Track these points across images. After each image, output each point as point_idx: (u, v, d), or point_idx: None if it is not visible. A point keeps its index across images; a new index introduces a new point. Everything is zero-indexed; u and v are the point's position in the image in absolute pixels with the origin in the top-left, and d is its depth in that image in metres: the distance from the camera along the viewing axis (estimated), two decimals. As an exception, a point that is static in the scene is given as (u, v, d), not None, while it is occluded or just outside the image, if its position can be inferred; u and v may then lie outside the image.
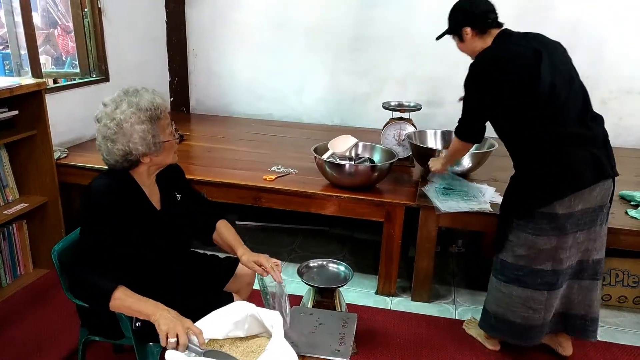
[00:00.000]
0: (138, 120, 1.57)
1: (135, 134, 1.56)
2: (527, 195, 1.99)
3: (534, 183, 1.97)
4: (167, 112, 1.68)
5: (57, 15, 4.52)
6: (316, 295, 2.18)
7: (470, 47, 2.14)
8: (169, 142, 1.66)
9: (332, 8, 3.81)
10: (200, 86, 4.27)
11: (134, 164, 1.64)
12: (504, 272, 2.10)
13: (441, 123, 3.75)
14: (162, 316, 1.44)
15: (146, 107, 1.58)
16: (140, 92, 1.63)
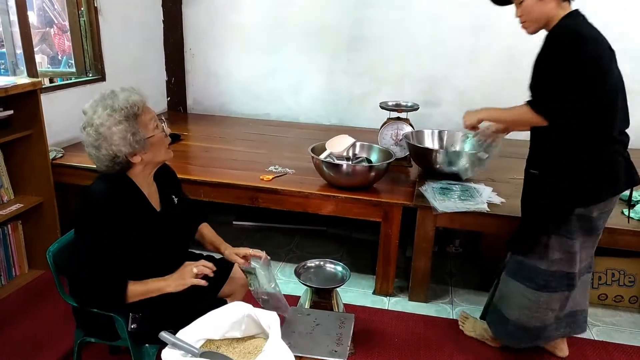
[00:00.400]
0: (115, 122, 1.54)
1: (115, 136, 1.54)
2: (567, 197, 1.89)
3: (577, 184, 1.87)
4: (146, 107, 1.64)
5: (53, 14, 4.50)
6: (313, 296, 2.17)
7: (545, 10, 1.83)
8: (155, 137, 1.63)
9: (329, 8, 3.81)
10: (197, 86, 4.26)
11: (125, 166, 1.63)
12: (535, 278, 2.01)
13: (438, 123, 3.75)
14: (169, 286, 1.61)
15: (121, 107, 1.56)
16: (117, 92, 1.61)
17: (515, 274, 2.07)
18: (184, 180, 2.66)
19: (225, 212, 3.61)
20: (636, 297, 2.68)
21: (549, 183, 1.92)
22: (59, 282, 1.71)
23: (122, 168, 1.63)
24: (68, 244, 1.76)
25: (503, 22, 3.56)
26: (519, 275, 2.06)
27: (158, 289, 1.62)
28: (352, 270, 2.29)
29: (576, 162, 1.87)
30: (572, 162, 1.87)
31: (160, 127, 1.68)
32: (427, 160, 2.82)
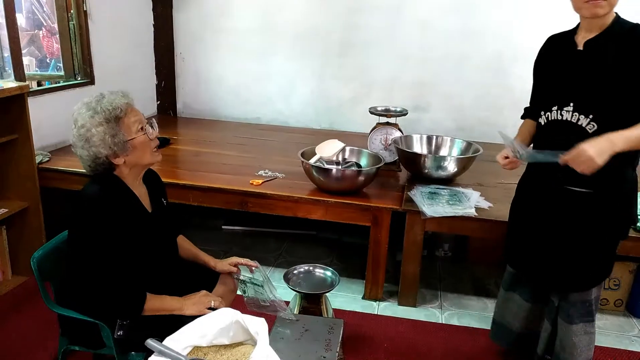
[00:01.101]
0: (95, 123, 1.57)
1: (94, 137, 1.57)
2: (632, 211, 1.78)
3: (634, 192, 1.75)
4: (132, 110, 1.65)
5: (42, 17, 4.47)
6: (302, 301, 2.17)
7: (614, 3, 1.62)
8: (136, 140, 1.63)
9: (319, 14, 3.82)
10: (187, 90, 4.25)
11: (108, 167, 1.64)
12: (593, 308, 1.86)
13: (427, 128, 3.77)
14: (187, 310, 1.66)
15: (103, 109, 1.58)
16: (105, 95, 1.63)
17: (576, 316, 1.86)
18: (174, 185, 2.67)
19: (214, 217, 3.60)
20: (621, 301, 2.71)
21: (612, 200, 1.73)
22: (43, 289, 1.69)
23: (105, 169, 1.64)
24: (53, 250, 1.74)
25: (491, 28, 3.62)
26: (578, 315, 1.86)
27: (173, 309, 1.65)
28: (342, 275, 2.29)
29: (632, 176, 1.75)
30: (630, 177, 1.74)
31: (148, 130, 1.68)
32: (415, 165, 2.83)
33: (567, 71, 1.73)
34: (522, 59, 3.50)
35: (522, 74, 3.52)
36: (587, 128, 1.67)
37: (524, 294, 2.03)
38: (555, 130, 1.76)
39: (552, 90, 1.78)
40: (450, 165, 2.76)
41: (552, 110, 1.76)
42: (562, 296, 1.88)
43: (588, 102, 1.67)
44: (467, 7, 3.62)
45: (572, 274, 1.81)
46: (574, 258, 1.79)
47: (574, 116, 1.69)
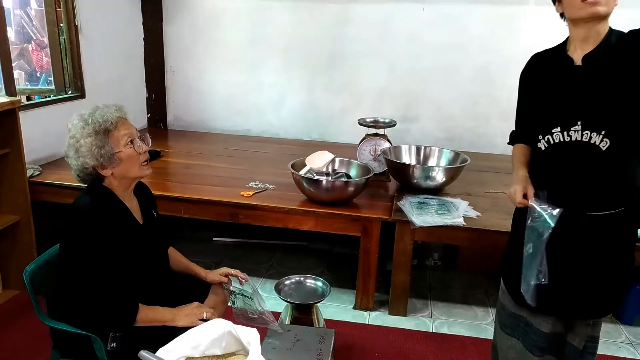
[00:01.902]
0: (84, 134, 1.61)
1: (83, 148, 1.61)
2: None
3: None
4: (124, 123, 1.69)
5: (31, 30, 4.48)
6: (294, 312, 2.19)
7: (612, 5, 1.53)
8: (123, 153, 1.65)
9: (309, 26, 3.87)
10: (177, 102, 4.27)
11: (96, 178, 1.67)
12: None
13: (416, 138, 3.83)
14: (180, 320, 1.67)
15: (94, 121, 1.63)
16: (99, 108, 1.68)
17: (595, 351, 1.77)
18: (164, 197, 2.68)
19: (205, 228, 3.61)
20: (610, 308, 2.74)
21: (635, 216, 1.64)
22: (35, 302, 1.69)
23: (93, 180, 1.68)
24: (45, 264, 1.74)
25: (478, 39, 3.69)
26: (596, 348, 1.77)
27: (166, 320, 1.67)
28: (332, 285, 2.31)
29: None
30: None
31: (137, 144, 1.69)
32: (404, 175, 2.87)
33: (568, 89, 1.62)
34: (509, 69, 3.55)
35: (509, 84, 3.59)
36: (601, 145, 1.56)
37: (531, 342, 1.76)
38: (560, 154, 1.62)
39: (551, 112, 1.65)
40: (439, 175, 2.80)
41: (554, 133, 1.62)
42: (589, 336, 1.73)
43: (598, 118, 1.56)
44: (453, 19, 3.69)
45: (606, 295, 1.68)
46: (605, 280, 1.66)
47: (585, 135, 1.57)
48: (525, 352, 1.77)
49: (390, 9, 3.73)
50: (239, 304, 1.91)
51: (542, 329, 1.72)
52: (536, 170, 1.72)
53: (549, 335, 1.72)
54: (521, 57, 2.03)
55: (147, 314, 1.64)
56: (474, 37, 3.70)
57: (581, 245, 1.63)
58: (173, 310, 1.69)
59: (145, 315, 1.63)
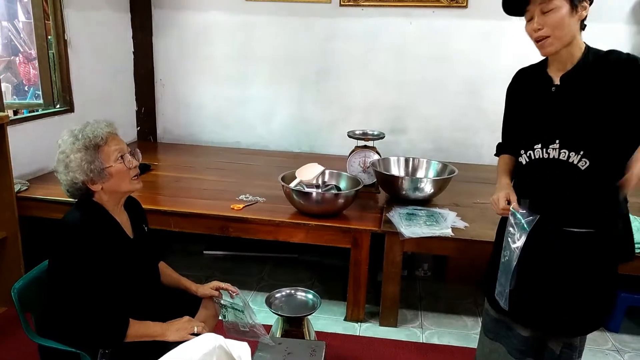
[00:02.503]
0: (74, 149, 1.63)
1: (72, 163, 1.62)
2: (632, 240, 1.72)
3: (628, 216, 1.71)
4: (114, 139, 1.70)
5: (18, 43, 4.48)
6: (285, 325, 2.19)
7: (572, 28, 1.55)
8: (113, 168, 1.66)
9: (297, 40, 3.91)
10: (167, 115, 4.28)
11: (86, 193, 1.68)
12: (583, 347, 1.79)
13: (405, 149, 3.87)
14: (170, 335, 1.66)
15: (84, 136, 1.64)
16: (90, 123, 1.69)
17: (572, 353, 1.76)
18: (154, 211, 2.68)
19: (195, 242, 3.60)
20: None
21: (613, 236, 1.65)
22: (24, 319, 1.68)
23: (83, 195, 1.68)
24: (34, 280, 1.74)
25: (463, 54, 3.75)
26: (578, 356, 1.78)
27: (156, 335, 1.66)
28: (323, 297, 2.32)
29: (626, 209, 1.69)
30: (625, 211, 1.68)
31: (127, 159, 1.71)
32: (393, 187, 2.90)
33: (547, 108, 1.65)
34: (495, 82, 3.63)
35: (495, 96, 3.64)
36: (579, 165, 1.58)
37: (511, 345, 1.80)
38: (540, 170, 1.66)
39: (532, 129, 1.68)
40: (427, 187, 2.83)
41: (535, 149, 1.65)
42: (566, 342, 1.74)
43: (576, 138, 1.58)
44: (440, 34, 3.75)
45: (581, 315, 1.67)
46: (581, 299, 1.66)
47: (563, 154, 1.60)
48: (507, 355, 1.81)
49: (378, 23, 3.78)
50: (230, 317, 1.92)
51: (522, 333, 1.76)
52: (518, 182, 1.76)
53: (528, 339, 1.76)
54: (506, 70, 2.08)
55: (138, 329, 1.64)
56: (460, 50, 3.76)
57: (557, 260, 1.65)
58: (164, 325, 1.69)
59: (135, 330, 1.63)
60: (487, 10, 3.61)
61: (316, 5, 3.81)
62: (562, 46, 1.57)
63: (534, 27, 1.56)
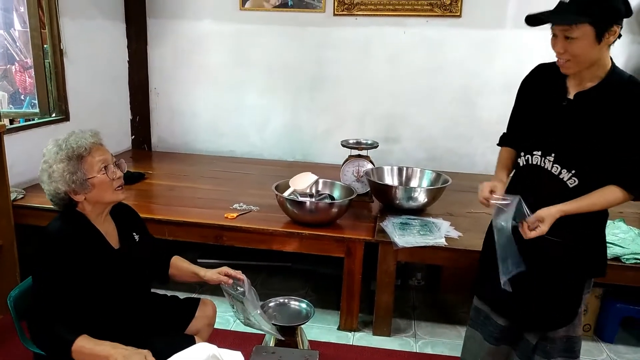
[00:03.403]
0: (57, 160, 1.62)
1: (55, 173, 1.62)
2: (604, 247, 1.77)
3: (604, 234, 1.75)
4: (99, 149, 1.69)
5: (14, 52, 4.48)
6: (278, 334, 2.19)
7: (595, 55, 1.52)
8: (96, 179, 1.65)
9: (291, 49, 3.94)
10: (162, 124, 4.29)
11: (69, 203, 1.67)
12: (574, 348, 1.82)
13: (399, 158, 3.89)
14: (119, 353, 1.51)
15: (67, 147, 1.63)
16: (75, 133, 1.68)
17: (555, 352, 1.82)
18: (148, 220, 2.67)
19: (189, 250, 3.60)
20: (589, 325, 2.80)
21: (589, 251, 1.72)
22: (19, 328, 1.69)
23: (66, 205, 1.68)
24: (29, 289, 1.74)
25: (456, 63, 3.79)
26: (557, 351, 1.82)
27: (101, 355, 1.53)
28: (317, 306, 2.33)
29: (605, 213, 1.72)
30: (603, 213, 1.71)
31: (110, 170, 1.69)
32: (387, 196, 2.91)
33: (554, 118, 1.65)
34: (488, 91, 3.68)
35: (488, 105, 3.70)
36: (569, 182, 1.63)
37: (488, 333, 1.92)
38: (534, 177, 1.70)
39: (536, 134, 1.69)
40: (421, 196, 2.84)
41: (534, 155, 1.69)
42: (541, 335, 1.82)
43: (571, 157, 1.61)
44: (433, 43, 3.78)
45: (547, 313, 1.76)
46: (549, 299, 1.74)
47: (555, 168, 1.64)
48: (483, 341, 1.93)
49: (372, 32, 3.82)
50: (238, 307, 1.91)
51: (499, 322, 1.88)
52: (513, 180, 1.81)
53: (505, 328, 1.87)
54: (499, 78, 2.10)
55: (85, 346, 1.53)
56: (453, 59, 3.79)
57: (533, 262, 1.70)
58: (117, 346, 1.55)
59: (81, 346, 1.53)
60: (480, 20, 3.65)
61: (310, 14, 3.85)
62: (582, 68, 1.56)
63: (557, 48, 1.55)
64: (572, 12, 1.46)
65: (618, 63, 1.61)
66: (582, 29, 1.46)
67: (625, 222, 2.71)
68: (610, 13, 1.46)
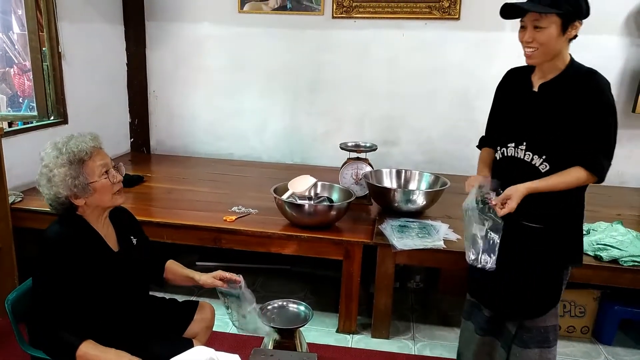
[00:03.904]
0: (58, 164, 1.61)
1: (56, 178, 1.61)
2: (580, 241, 1.89)
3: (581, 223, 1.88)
4: (99, 153, 1.68)
5: (13, 54, 4.49)
6: (277, 336, 2.19)
7: (558, 46, 1.70)
8: (97, 183, 1.65)
9: (290, 52, 3.95)
10: (160, 127, 4.29)
11: (70, 207, 1.67)
12: (549, 338, 1.93)
13: (397, 161, 3.89)
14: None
15: (68, 151, 1.62)
16: (74, 137, 1.67)
17: (531, 342, 1.93)
18: (147, 223, 2.68)
19: (188, 253, 3.60)
20: (587, 328, 2.80)
21: (561, 234, 1.83)
22: (17, 331, 1.69)
23: (66, 209, 1.67)
24: (27, 292, 1.74)
25: (455, 65, 3.79)
26: (533, 341, 1.93)
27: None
28: (315, 309, 2.33)
29: (580, 200, 1.85)
30: (578, 201, 1.84)
31: (112, 174, 1.70)
32: (386, 199, 2.92)
33: (522, 111, 1.82)
34: (487, 93, 3.62)
35: (487, 108, 3.68)
36: (540, 168, 1.78)
37: (477, 324, 2.09)
38: (508, 166, 1.86)
39: (508, 128, 1.87)
40: (419, 199, 2.85)
41: (509, 147, 1.85)
42: (520, 324, 1.95)
43: (541, 143, 1.77)
44: (432, 45, 3.79)
45: (525, 302, 1.89)
46: (526, 287, 1.87)
47: (527, 155, 1.80)
48: (473, 332, 2.10)
49: (370, 35, 3.82)
50: (234, 308, 1.92)
51: (485, 313, 2.05)
52: (493, 175, 1.95)
53: (490, 319, 2.04)
54: (498, 81, 2.12)
55: (89, 352, 1.55)
56: (452, 62, 3.80)
57: (511, 251, 1.85)
58: (121, 354, 1.59)
59: (85, 352, 1.55)
60: (479, 23, 3.65)
61: (309, 17, 3.85)
62: (545, 60, 1.74)
63: (525, 37, 1.73)
64: (544, 4, 1.64)
65: (617, 65, 1.72)
66: (550, 18, 1.65)
67: (623, 224, 2.71)
68: (576, 9, 1.65)
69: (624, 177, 3.75)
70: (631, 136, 3.66)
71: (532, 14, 1.68)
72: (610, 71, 3.55)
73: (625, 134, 3.67)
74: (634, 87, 3.52)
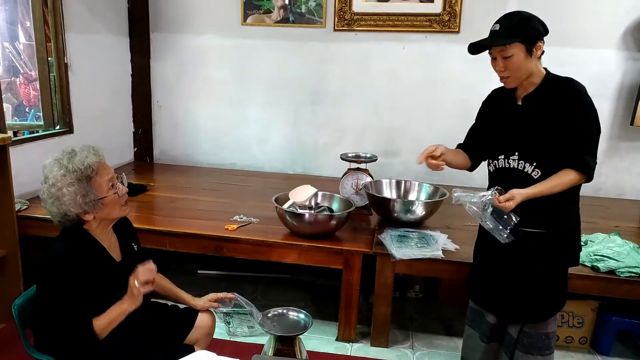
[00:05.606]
0: (66, 183, 1.61)
1: (65, 197, 1.61)
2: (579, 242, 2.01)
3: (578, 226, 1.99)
4: (103, 168, 1.70)
5: (19, 64, 4.55)
6: (277, 344, 2.21)
7: (529, 67, 1.83)
8: (107, 198, 1.67)
9: (292, 63, 4.00)
10: (164, 137, 4.34)
11: (77, 222, 1.68)
12: (550, 344, 2.02)
13: (398, 171, 3.92)
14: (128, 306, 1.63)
15: (74, 169, 1.62)
16: (76, 152, 1.66)
17: (533, 347, 2.00)
18: (150, 231, 2.73)
19: (190, 261, 3.63)
20: (585, 338, 2.82)
21: (560, 237, 1.93)
22: (23, 336, 1.72)
23: (74, 223, 1.68)
24: (33, 298, 1.78)
25: (454, 77, 3.84)
26: (535, 348, 2.00)
27: (120, 314, 1.64)
28: (315, 317, 2.35)
29: (575, 203, 1.97)
30: (573, 203, 1.96)
31: (119, 187, 1.73)
32: (385, 209, 2.95)
33: (510, 124, 1.94)
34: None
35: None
36: (533, 174, 1.88)
37: (480, 331, 2.16)
38: (502, 177, 1.96)
39: (497, 141, 1.99)
40: (419, 209, 2.88)
41: (499, 159, 1.97)
42: (521, 329, 2.01)
43: (531, 152, 1.88)
44: (432, 58, 3.84)
45: (530, 306, 1.97)
46: (531, 291, 1.95)
47: (520, 164, 1.91)
48: (478, 339, 2.16)
49: (371, 47, 3.88)
50: (236, 322, 1.94)
51: (489, 320, 2.11)
52: (489, 187, 2.01)
53: (494, 326, 2.10)
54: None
55: (102, 322, 1.62)
56: (452, 74, 3.85)
57: (513, 257, 1.95)
58: (121, 303, 1.65)
59: (100, 324, 1.61)
60: (478, 36, 3.59)
61: (311, 29, 3.91)
62: (521, 80, 1.87)
63: (498, 67, 1.87)
64: (504, 37, 1.80)
65: (615, 79, 1.81)
66: (514, 47, 1.80)
67: (621, 235, 2.74)
68: (533, 32, 1.79)
69: (622, 189, 3.78)
70: (629, 149, 3.70)
71: (497, 47, 1.83)
72: (608, 85, 3.63)
73: (623, 146, 3.73)
74: (631, 100, 3.56)
